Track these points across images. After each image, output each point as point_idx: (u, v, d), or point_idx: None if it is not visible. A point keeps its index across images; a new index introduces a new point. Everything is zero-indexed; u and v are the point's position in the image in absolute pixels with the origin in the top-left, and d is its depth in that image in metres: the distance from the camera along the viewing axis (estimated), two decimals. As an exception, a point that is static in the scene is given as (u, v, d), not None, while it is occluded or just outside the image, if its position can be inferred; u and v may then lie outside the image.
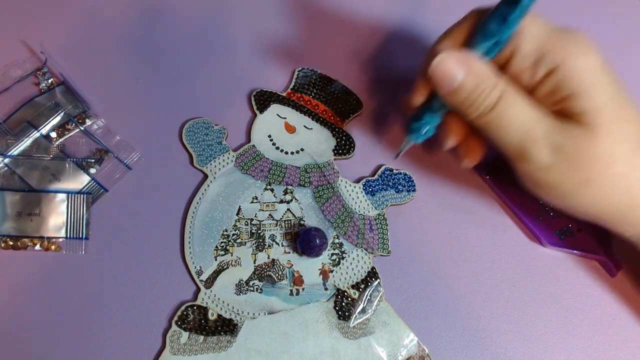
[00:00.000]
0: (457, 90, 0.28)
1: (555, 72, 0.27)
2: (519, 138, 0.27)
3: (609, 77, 0.27)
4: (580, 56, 0.27)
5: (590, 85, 0.26)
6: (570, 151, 0.27)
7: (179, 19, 0.43)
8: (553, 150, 0.27)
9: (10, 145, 0.37)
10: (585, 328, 0.35)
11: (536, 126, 0.27)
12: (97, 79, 0.40)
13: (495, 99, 0.27)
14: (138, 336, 0.34)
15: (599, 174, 0.27)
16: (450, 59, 0.27)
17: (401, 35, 0.43)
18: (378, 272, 0.35)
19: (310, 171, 0.38)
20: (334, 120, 0.39)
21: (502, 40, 0.28)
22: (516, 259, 0.37)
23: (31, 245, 0.35)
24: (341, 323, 0.34)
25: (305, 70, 0.41)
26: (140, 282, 0.35)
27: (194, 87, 0.40)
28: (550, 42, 0.27)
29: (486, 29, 0.28)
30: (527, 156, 0.28)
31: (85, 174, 0.37)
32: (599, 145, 0.26)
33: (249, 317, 0.34)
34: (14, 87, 0.39)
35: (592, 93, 0.26)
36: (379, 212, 0.37)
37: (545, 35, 0.27)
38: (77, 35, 0.41)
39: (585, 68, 0.27)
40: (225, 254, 0.35)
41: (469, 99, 0.28)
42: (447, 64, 0.27)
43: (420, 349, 0.34)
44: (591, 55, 0.27)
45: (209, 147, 0.38)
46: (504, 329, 0.35)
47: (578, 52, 0.27)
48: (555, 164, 0.27)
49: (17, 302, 0.34)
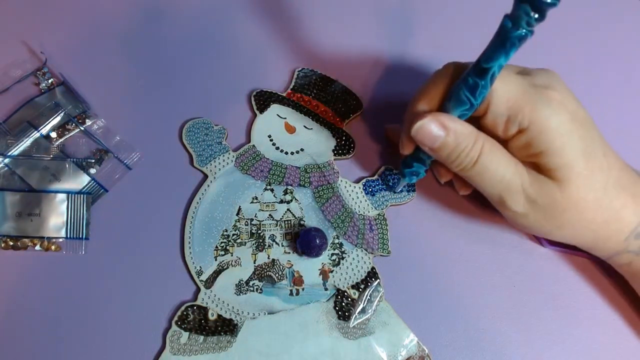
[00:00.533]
0: (439, 149, 0.30)
1: (526, 131, 0.29)
2: (498, 190, 0.30)
3: (579, 131, 0.29)
4: (549, 117, 0.28)
5: (559, 144, 0.28)
6: (543, 203, 0.30)
7: (179, 19, 0.43)
8: (528, 202, 0.30)
9: (10, 146, 0.37)
10: (585, 328, 0.35)
11: (513, 181, 0.30)
12: (97, 79, 0.40)
13: (475, 157, 0.29)
14: (138, 336, 0.34)
15: (570, 221, 0.30)
16: (430, 123, 0.29)
17: (401, 35, 0.43)
18: (378, 272, 0.35)
19: (310, 171, 0.38)
20: (334, 120, 0.39)
21: (475, 105, 0.28)
22: (516, 259, 0.37)
23: (31, 245, 0.35)
24: (341, 323, 0.34)
25: (305, 70, 0.41)
26: (140, 282, 0.35)
27: (194, 87, 0.40)
28: (520, 102, 0.28)
29: (459, 95, 0.28)
30: (506, 206, 0.31)
31: (85, 174, 0.37)
32: (570, 198, 0.29)
33: (249, 317, 0.34)
34: (14, 87, 0.39)
35: (562, 151, 0.28)
36: (378, 213, 0.37)
37: (515, 94, 0.29)
38: (77, 35, 0.41)
39: (555, 128, 0.28)
40: (225, 254, 0.35)
41: (451, 156, 0.30)
42: (427, 127, 0.29)
43: (420, 349, 0.34)
44: (561, 113, 0.28)
45: (209, 147, 0.38)
46: (504, 329, 0.35)
47: (547, 113, 0.28)
48: (530, 213, 0.31)
49: (17, 302, 0.34)
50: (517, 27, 0.24)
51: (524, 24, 0.24)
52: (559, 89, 0.29)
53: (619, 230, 0.31)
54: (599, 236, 0.31)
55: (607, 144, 0.31)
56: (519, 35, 0.24)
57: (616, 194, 0.30)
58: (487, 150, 0.29)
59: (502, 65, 0.26)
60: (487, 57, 0.26)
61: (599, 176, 0.29)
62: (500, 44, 0.25)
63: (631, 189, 0.30)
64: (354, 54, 0.42)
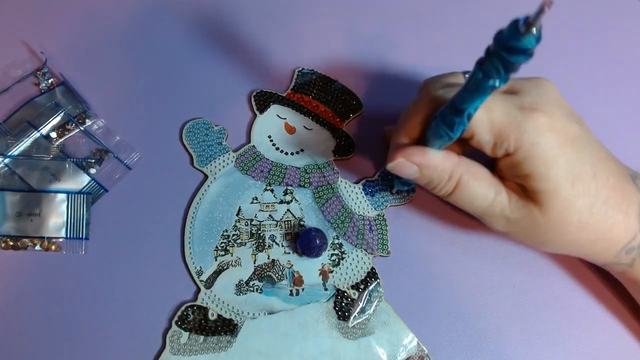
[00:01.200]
0: (416, 180, 0.31)
1: (513, 155, 0.29)
2: (479, 212, 0.31)
3: (567, 155, 0.28)
4: (535, 143, 0.28)
5: (545, 169, 0.28)
6: (524, 226, 0.30)
7: (179, 19, 0.43)
8: (510, 222, 0.31)
9: (10, 146, 0.37)
10: (585, 328, 0.35)
11: (492, 208, 0.30)
12: (97, 79, 0.40)
13: (450, 189, 0.30)
14: (138, 336, 0.34)
15: (552, 240, 0.31)
16: (403, 163, 0.30)
17: (401, 36, 0.43)
18: (378, 272, 0.35)
19: (310, 172, 0.38)
20: (334, 120, 0.39)
21: (454, 138, 0.28)
22: (516, 259, 0.37)
23: (31, 245, 0.35)
24: (341, 323, 0.34)
25: (305, 70, 0.41)
26: (140, 282, 0.35)
27: (194, 87, 0.40)
28: (506, 129, 0.28)
29: (437, 131, 0.28)
30: (488, 224, 0.32)
31: (85, 174, 0.37)
32: (551, 221, 0.29)
33: (249, 317, 0.34)
34: (14, 87, 0.39)
35: (547, 176, 0.28)
36: (378, 213, 0.37)
37: (500, 122, 0.28)
38: (77, 35, 0.41)
39: (540, 154, 0.28)
40: (225, 254, 0.35)
41: (429, 185, 0.31)
42: (402, 166, 0.30)
43: (419, 349, 0.34)
44: (548, 139, 0.28)
45: (209, 148, 0.38)
46: (504, 329, 0.35)
47: (533, 140, 0.28)
48: (512, 232, 0.31)
49: (17, 302, 0.34)
50: (488, 78, 0.23)
51: (495, 76, 0.23)
52: (548, 110, 0.28)
53: (607, 248, 0.30)
54: (586, 252, 0.31)
55: (602, 159, 0.30)
56: (492, 85, 0.23)
57: (604, 214, 0.29)
58: (464, 183, 0.30)
59: (478, 106, 0.25)
60: (462, 99, 0.25)
61: (585, 199, 0.29)
62: (474, 90, 0.24)
63: (622, 207, 0.29)
64: (354, 54, 0.42)
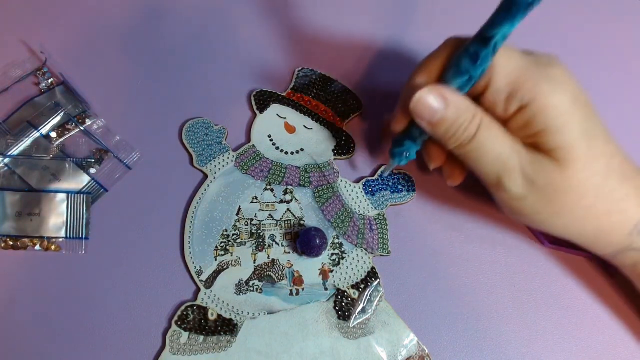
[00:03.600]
0: (437, 123, 0.29)
1: (527, 108, 0.28)
2: (496, 169, 0.29)
3: (581, 112, 0.27)
4: (552, 94, 0.27)
5: (561, 122, 0.27)
6: (542, 185, 0.28)
7: (179, 19, 0.43)
8: (527, 182, 0.29)
9: (10, 145, 0.37)
10: (585, 328, 0.35)
11: (511, 159, 0.28)
12: (97, 79, 0.40)
13: (473, 131, 0.28)
14: (138, 336, 0.34)
15: (569, 206, 0.29)
16: (430, 95, 0.28)
17: (402, 36, 0.43)
18: (378, 272, 0.35)
19: (311, 171, 0.38)
20: (334, 120, 0.39)
21: (474, 77, 0.28)
22: (516, 259, 0.37)
23: (31, 245, 0.35)
24: (341, 323, 0.34)
25: (305, 70, 0.41)
26: (140, 282, 0.35)
27: (194, 87, 0.40)
28: (522, 78, 0.28)
29: (459, 66, 0.28)
30: (503, 187, 0.29)
31: (85, 174, 0.37)
32: (570, 180, 0.28)
33: (249, 317, 0.34)
34: (14, 87, 0.39)
35: (563, 130, 0.27)
36: (378, 212, 0.37)
37: (517, 70, 0.28)
38: (77, 35, 0.41)
39: (557, 105, 0.27)
40: (225, 254, 0.35)
41: (449, 131, 0.29)
42: (427, 99, 0.28)
43: (420, 349, 0.34)
44: (563, 92, 0.27)
45: (209, 147, 0.38)
46: (504, 329, 0.35)
47: (550, 90, 0.27)
48: (528, 195, 0.29)
49: (17, 302, 0.34)
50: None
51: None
52: (563, 68, 0.28)
53: (621, 223, 0.29)
54: (601, 228, 0.29)
55: (609, 132, 0.29)
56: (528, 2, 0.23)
57: (619, 183, 0.28)
58: (485, 125, 0.28)
59: (506, 35, 0.25)
60: (492, 24, 0.25)
61: (601, 161, 0.28)
62: (506, 9, 0.24)
63: (635, 180, 0.29)
64: (355, 54, 0.42)
